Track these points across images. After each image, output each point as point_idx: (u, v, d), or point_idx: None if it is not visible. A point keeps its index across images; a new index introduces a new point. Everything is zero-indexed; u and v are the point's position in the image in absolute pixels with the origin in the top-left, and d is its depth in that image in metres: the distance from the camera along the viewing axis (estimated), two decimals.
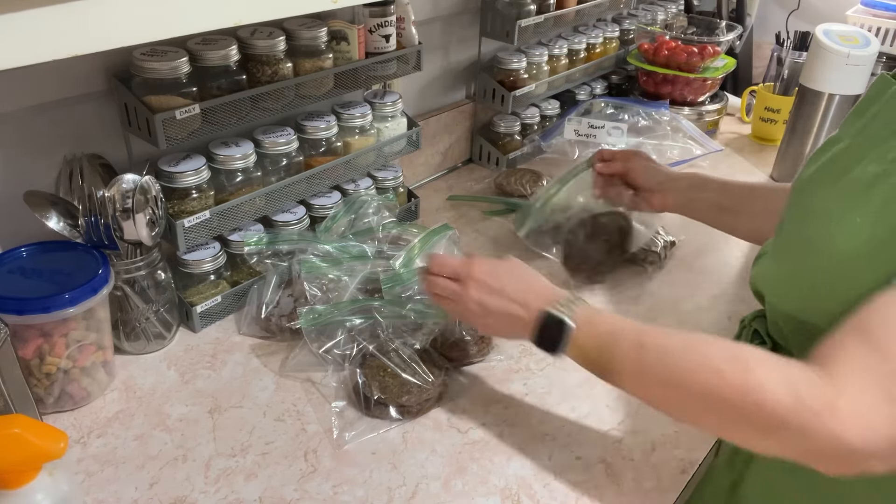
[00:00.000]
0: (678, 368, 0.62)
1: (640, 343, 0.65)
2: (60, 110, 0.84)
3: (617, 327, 0.69)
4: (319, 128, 1.02)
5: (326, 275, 0.94)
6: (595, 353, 0.69)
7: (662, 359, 0.63)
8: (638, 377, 0.66)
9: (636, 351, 0.65)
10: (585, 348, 0.69)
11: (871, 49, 1.31)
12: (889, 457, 0.53)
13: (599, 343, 0.68)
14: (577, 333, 0.70)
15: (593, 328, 0.69)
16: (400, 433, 0.80)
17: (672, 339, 0.65)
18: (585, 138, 1.42)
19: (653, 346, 0.65)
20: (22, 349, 0.74)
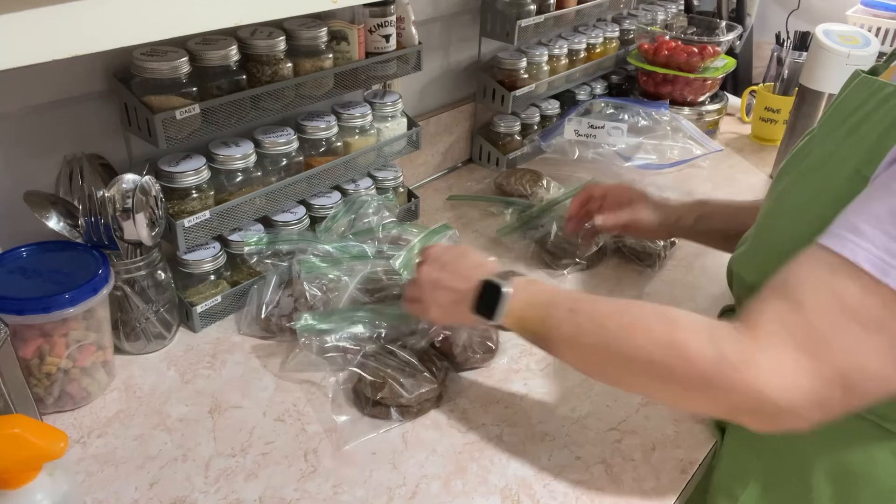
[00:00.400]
0: (609, 330, 0.63)
1: (573, 308, 0.66)
2: (60, 110, 0.84)
3: (552, 295, 0.70)
4: (319, 128, 1.02)
5: (326, 275, 0.94)
6: (531, 321, 0.70)
7: (594, 321, 0.64)
8: (571, 342, 0.66)
9: (569, 316, 0.66)
10: (522, 315, 0.70)
11: (871, 49, 1.31)
12: (810, 411, 0.54)
13: (535, 311, 0.69)
14: (513, 300, 0.71)
15: (529, 295, 0.71)
16: (400, 433, 0.80)
17: (604, 303, 0.66)
18: (585, 138, 1.42)
19: (585, 310, 0.66)
20: (22, 349, 0.74)
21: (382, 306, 0.93)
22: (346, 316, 0.89)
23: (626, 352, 0.61)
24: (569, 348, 0.67)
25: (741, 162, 1.57)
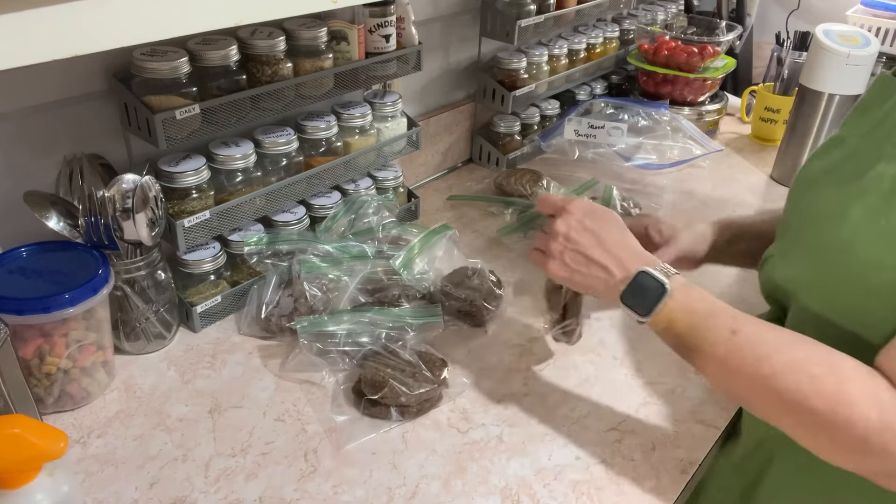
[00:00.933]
0: (770, 365, 0.60)
1: (734, 329, 0.62)
2: (60, 110, 0.84)
3: (714, 306, 0.65)
4: (319, 128, 1.02)
5: (326, 275, 0.94)
6: (684, 328, 0.65)
7: (756, 350, 0.61)
8: (723, 363, 0.63)
9: (728, 336, 0.62)
10: (676, 320, 0.66)
11: (871, 49, 1.31)
12: None
13: (692, 318, 0.65)
14: (672, 301, 0.66)
15: (689, 301, 0.66)
16: (400, 433, 0.80)
17: (769, 332, 0.62)
18: (585, 138, 1.42)
19: (747, 335, 0.62)
20: (22, 349, 0.74)
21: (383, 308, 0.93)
22: (347, 317, 0.89)
23: (784, 393, 0.58)
24: (717, 368, 0.64)
25: (741, 162, 1.57)
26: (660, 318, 0.67)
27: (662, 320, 0.67)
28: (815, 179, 0.71)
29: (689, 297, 0.66)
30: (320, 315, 0.90)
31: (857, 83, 1.34)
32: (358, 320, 0.89)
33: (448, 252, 1.06)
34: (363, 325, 0.88)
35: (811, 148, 1.42)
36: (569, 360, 0.93)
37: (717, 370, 0.64)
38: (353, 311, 0.91)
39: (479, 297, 0.98)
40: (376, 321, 0.89)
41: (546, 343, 0.96)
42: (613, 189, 1.22)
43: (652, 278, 0.67)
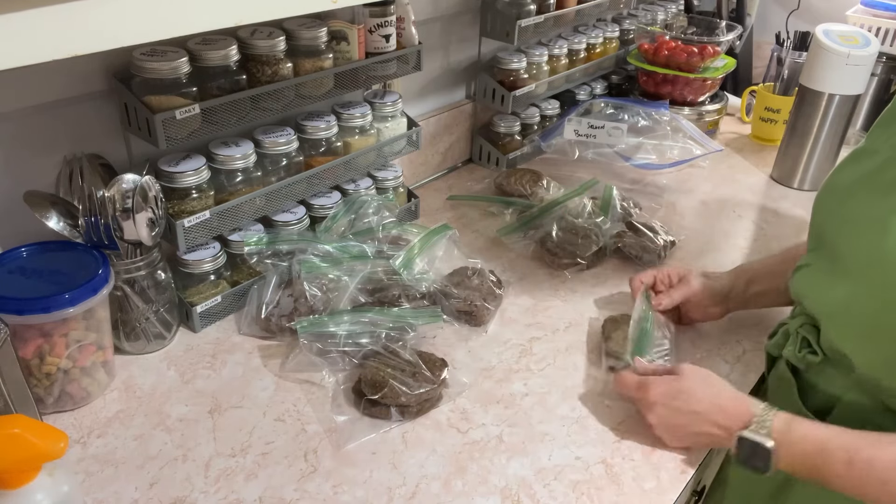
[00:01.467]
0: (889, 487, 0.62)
1: (849, 461, 0.64)
2: (60, 110, 0.84)
3: (821, 442, 0.67)
4: (319, 128, 1.02)
5: (326, 275, 0.94)
6: (806, 472, 0.68)
7: (876, 475, 0.63)
8: (854, 493, 0.65)
9: (846, 470, 0.64)
10: (796, 470, 0.68)
11: (871, 49, 1.31)
12: None
13: (806, 461, 0.67)
14: (778, 453, 0.68)
15: (795, 446, 0.68)
16: (400, 433, 0.80)
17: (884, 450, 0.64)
18: (585, 138, 1.42)
19: (863, 462, 0.64)
20: (22, 349, 0.74)
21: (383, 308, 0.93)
22: (347, 318, 0.89)
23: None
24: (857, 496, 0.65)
25: (741, 162, 1.57)
26: (781, 470, 0.69)
27: (787, 469, 0.69)
28: (848, 189, 0.71)
29: (792, 443, 0.68)
30: (320, 315, 0.90)
31: (857, 83, 1.34)
32: (358, 320, 0.89)
33: (448, 252, 1.06)
34: (363, 326, 0.88)
35: (811, 148, 1.42)
36: (569, 360, 0.93)
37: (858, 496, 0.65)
38: (353, 312, 0.91)
39: (479, 297, 0.98)
40: (376, 321, 0.89)
41: (546, 343, 0.96)
42: (613, 189, 1.22)
43: (752, 442, 0.69)
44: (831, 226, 0.72)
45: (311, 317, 0.89)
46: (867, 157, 0.71)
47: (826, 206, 0.74)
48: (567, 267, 1.12)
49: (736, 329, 1.00)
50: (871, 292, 0.65)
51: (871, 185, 0.68)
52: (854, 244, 0.67)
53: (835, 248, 0.70)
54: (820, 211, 0.75)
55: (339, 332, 0.87)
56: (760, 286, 0.94)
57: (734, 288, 0.94)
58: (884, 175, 0.67)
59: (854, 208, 0.68)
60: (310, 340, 0.87)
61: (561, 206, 1.19)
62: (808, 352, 0.75)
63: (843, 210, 0.70)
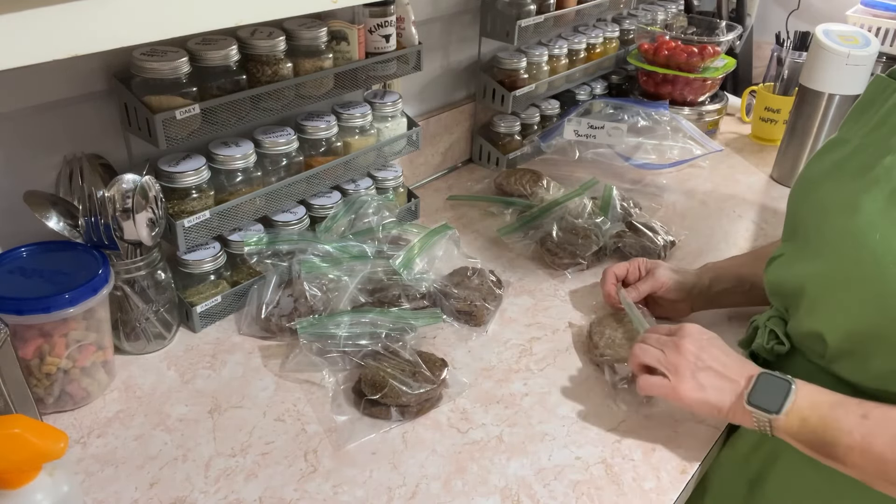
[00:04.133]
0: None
1: (865, 414, 0.64)
2: (60, 110, 0.84)
3: (836, 396, 0.67)
4: (319, 128, 1.02)
5: (326, 275, 0.94)
6: (817, 423, 0.66)
7: (891, 429, 0.62)
8: (863, 449, 0.63)
9: (861, 422, 0.63)
10: (807, 417, 0.67)
11: (871, 49, 1.31)
12: None
13: (820, 411, 0.66)
14: (798, 396, 0.67)
15: (813, 394, 0.68)
16: (400, 433, 0.80)
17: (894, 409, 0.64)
18: (585, 139, 1.42)
19: (877, 416, 0.63)
20: (22, 349, 0.74)
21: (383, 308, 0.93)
22: (347, 318, 0.89)
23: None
24: (860, 456, 0.64)
25: (741, 162, 1.57)
26: (792, 418, 0.67)
27: (795, 419, 0.67)
28: (819, 179, 0.72)
29: (811, 390, 0.68)
30: (320, 316, 0.90)
31: (857, 83, 1.34)
32: (358, 321, 0.89)
33: (448, 252, 1.06)
34: (363, 326, 0.88)
35: (811, 148, 1.42)
36: (569, 360, 0.93)
37: (860, 459, 0.64)
38: (352, 312, 0.91)
39: (479, 296, 0.98)
40: (376, 322, 0.89)
41: (546, 343, 0.96)
42: (613, 189, 1.22)
43: (775, 377, 0.69)
44: (804, 214, 0.73)
45: (311, 317, 0.89)
46: (838, 147, 0.72)
47: (799, 196, 0.75)
48: (567, 267, 1.12)
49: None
50: (842, 267, 0.66)
51: (841, 171, 0.69)
52: (825, 227, 0.68)
53: (807, 234, 0.71)
54: (794, 201, 0.77)
55: (340, 334, 0.87)
56: (725, 284, 0.95)
57: (698, 284, 0.96)
58: (853, 161, 0.68)
59: (825, 195, 0.69)
60: (309, 341, 0.87)
61: (561, 206, 1.19)
62: (776, 343, 0.77)
63: (815, 198, 0.71)
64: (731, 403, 0.71)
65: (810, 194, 0.72)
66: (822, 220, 0.69)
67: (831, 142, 0.74)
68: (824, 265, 0.68)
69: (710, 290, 0.95)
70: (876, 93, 0.71)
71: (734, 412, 0.71)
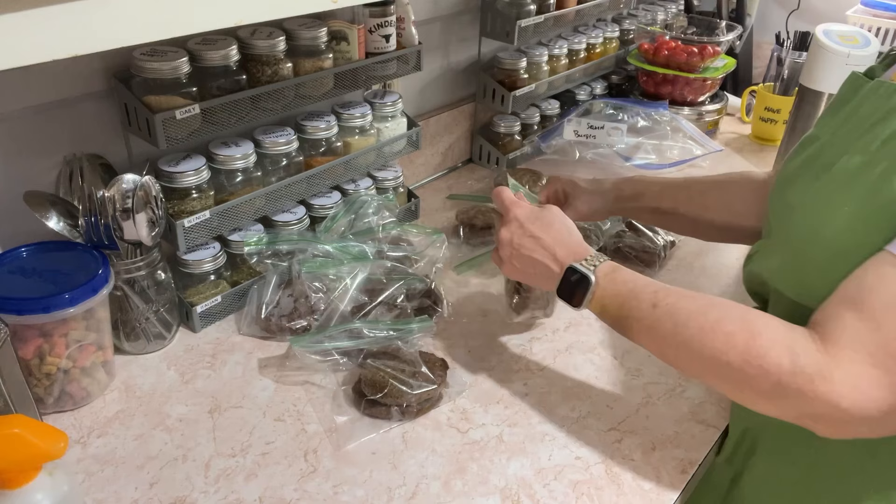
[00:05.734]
0: (689, 330, 0.65)
1: (653, 303, 0.68)
2: (60, 110, 0.84)
3: (637, 285, 0.71)
4: (319, 128, 1.02)
5: (327, 274, 0.94)
6: (613, 309, 0.72)
7: (675, 319, 0.66)
8: (650, 335, 0.69)
9: (650, 311, 0.68)
10: (605, 303, 0.72)
11: (871, 49, 1.31)
12: (878, 422, 0.57)
13: (618, 300, 0.71)
14: (597, 288, 0.73)
15: (614, 285, 0.72)
16: (400, 433, 0.80)
17: (686, 300, 0.67)
18: (585, 139, 1.42)
19: (665, 307, 0.67)
20: (22, 349, 0.74)
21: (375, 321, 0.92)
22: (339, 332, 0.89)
23: (704, 353, 0.63)
24: (646, 340, 0.69)
25: (741, 162, 1.57)
26: (593, 307, 0.74)
27: (596, 307, 0.74)
28: (791, 177, 0.73)
29: (614, 283, 0.72)
30: (318, 319, 0.91)
31: None
32: (351, 334, 0.88)
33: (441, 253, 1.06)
34: (357, 341, 0.87)
35: None
36: (569, 360, 0.93)
37: (647, 342, 0.70)
38: (345, 325, 0.90)
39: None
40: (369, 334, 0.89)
41: (546, 343, 0.96)
42: None
43: (577, 272, 0.74)
44: (776, 212, 0.74)
45: (305, 335, 0.89)
46: (809, 144, 0.73)
47: (773, 195, 0.76)
48: None
49: None
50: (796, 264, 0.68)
51: (809, 169, 0.70)
52: (793, 227, 0.69)
53: (775, 232, 0.73)
54: (769, 200, 0.78)
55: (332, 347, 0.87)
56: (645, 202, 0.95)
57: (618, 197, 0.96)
58: (819, 159, 0.69)
59: (794, 194, 0.70)
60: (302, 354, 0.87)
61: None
62: None
63: (786, 196, 0.72)
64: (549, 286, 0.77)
65: (781, 193, 0.74)
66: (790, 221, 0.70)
67: (806, 138, 0.75)
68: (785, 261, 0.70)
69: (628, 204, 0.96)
70: (850, 90, 0.72)
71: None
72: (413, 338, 0.89)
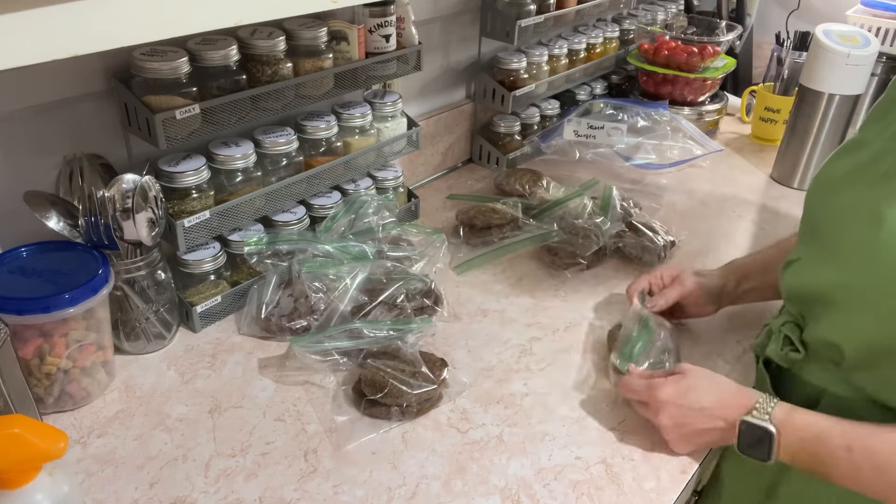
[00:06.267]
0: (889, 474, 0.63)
1: (848, 447, 0.66)
2: (60, 110, 0.84)
3: (820, 428, 0.68)
4: (319, 128, 1.02)
5: (327, 274, 0.94)
6: (805, 457, 0.69)
7: (874, 463, 0.64)
8: (853, 482, 0.66)
9: (846, 456, 0.66)
10: (796, 455, 0.69)
11: (871, 49, 1.31)
12: None
13: (806, 448, 0.68)
14: (780, 438, 0.69)
15: (796, 432, 0.69)
16: (400, 433, 0.80)
17: (881, 438, 0.65)
18: (585, 139, 1.42)
19: (861, 449, 0.65)
20: (22, 349, 0.74)
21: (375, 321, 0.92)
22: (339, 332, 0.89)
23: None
24: (852, 484, 0.67)
25: (741, 162, 1.57)
26: (783, 456, 0.70)
27: (787, 458, 0.70)
28: (839, 182, 0.71)
29: (794, 430, 0.69)
30: (318, 319, 0.90)
31: (857, 83, 1.34)
32: (350, 334, 0.88)
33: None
34: (356, 341, 0.88)
35: (811, 148, 1.42)
36: (569, 360, 0.93)
37: (852, 485, 0.67)
38: (345, 325, 0.90)
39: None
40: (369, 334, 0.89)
41: (546, 343, 0.96)
42: (613, 189, 1.22)
43: (754, 427, 0.70)
44: (823, 218, 0.72)
45: (306, 335, 0.89)
46: (860, 149, 0.71)
47: (818, 199, 0.74)
48: (567, 267, 1.12)
49: (736, 329, 1.00)
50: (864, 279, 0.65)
51: (864, 176, 0.68)
52: (847, 235, 0.67)
53: (827, 239, 0.71)
54: (812, 203, 0.76)
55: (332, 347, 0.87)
56: (752, 282, 0.94)
57: (726, 286, 0.95)
58: (876, 166, 0.67)
59: (847, 200, 0.68)
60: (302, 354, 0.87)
61: (561, 207, 1.19)
62: (791, 349, 0.76)
63: (836, 202, 0.70)
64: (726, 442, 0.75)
65: (830, 198, 0.71)
66: (843, 228, 0.68)
67: (851, 142, 0.73)
68: (845, 275, 0.67)
69: (736, 290, 0.95)
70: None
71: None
72: (413, 338, 0.89)
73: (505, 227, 1.18)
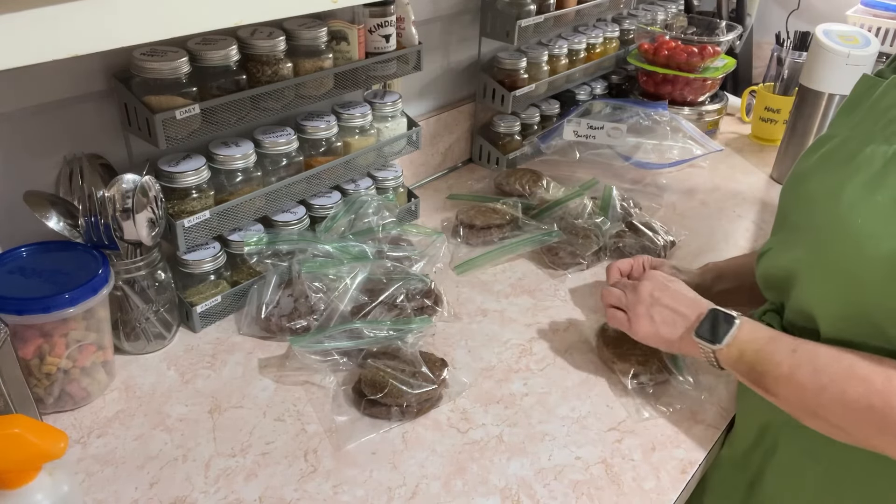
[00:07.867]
0: (828, 374, 0.65)
1: (794, 349, 0.69)
2: (60, 110, 0.84)
3: (774, 332, 0.72)
4: (319, 128, 1.02)
5: (327, 274, 0.94)
6: (752, 354, 0.72)
7: (814, 362, 0.66)
8: (788, 379, 0.68)
9: (790, 355, 0.68)
10: (745, 349, 0.73)
11: (871, 49, 1.31)
12: None
13: (757, 345, 0.72)
14: (740, 331, 0.73)
15: (754, 329, 0.74)
16: (400, 433, 0.80)
17: (823, 347, 0.67)
18: (585, 139, 1.42)
19: (805, 350, 0.68)
20: (22, 349, 0.74)
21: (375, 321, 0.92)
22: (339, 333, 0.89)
23: (844, 398, 0.63)
24: (785, 386, 0.68)
25: (741, 162, 1.57)
26: (732, 349, 0.74)
27: (734, 350, 0.73)
28: (807, 172, 0.73)
29: (753, 326, 0.74)
30: (318, 319, 0.90)
31: None
32: (351, 334, 0.88)
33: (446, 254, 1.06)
34: (356, 341, 0.88)
35: None
36: (569, 360, 0.93)
37: (785, 389, 0.69)
38: (344, 325, 0.90)
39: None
40: (369, 334, 0.89)
41: (546, 343, 0.96)
42: (613, 189, 1.22)
43: (723, 313, 0.76)
44: (793, 206, 0.74)
45: (306, 335, 0.89)
46: (826, 143, 0.73)
47: (788, 191, 0.76)
48: (567, 267, 1.12)
49: None
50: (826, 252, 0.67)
51: (828, 162, 0.71)
52: (812, 216, 0.69)
53: (796, 224, 0.73)
54: (783, 196, 0.78)
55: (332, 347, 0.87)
56: (726, 284, 0.96)
57: (701, 284, 0.96)
58: (839, 152, 0.70)
59: (813, 185, 0.70)
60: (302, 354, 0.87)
61: (561, 207, 1.19)
62: None
63: (802, 190, 0.72)
64: (680, 335, 0.79)
65: (799, 187, 0.74)
66: (810, 211, 0.70)
67: (819, 140, 0.75)
68: (810, 251, 0.70)
69: (711, 290, 0.95)
70: (862, 91, 0.72)
71: (683, 343, 0.79)
72: (413, 338, 0.89)
73: (505, 227, 1.18)
